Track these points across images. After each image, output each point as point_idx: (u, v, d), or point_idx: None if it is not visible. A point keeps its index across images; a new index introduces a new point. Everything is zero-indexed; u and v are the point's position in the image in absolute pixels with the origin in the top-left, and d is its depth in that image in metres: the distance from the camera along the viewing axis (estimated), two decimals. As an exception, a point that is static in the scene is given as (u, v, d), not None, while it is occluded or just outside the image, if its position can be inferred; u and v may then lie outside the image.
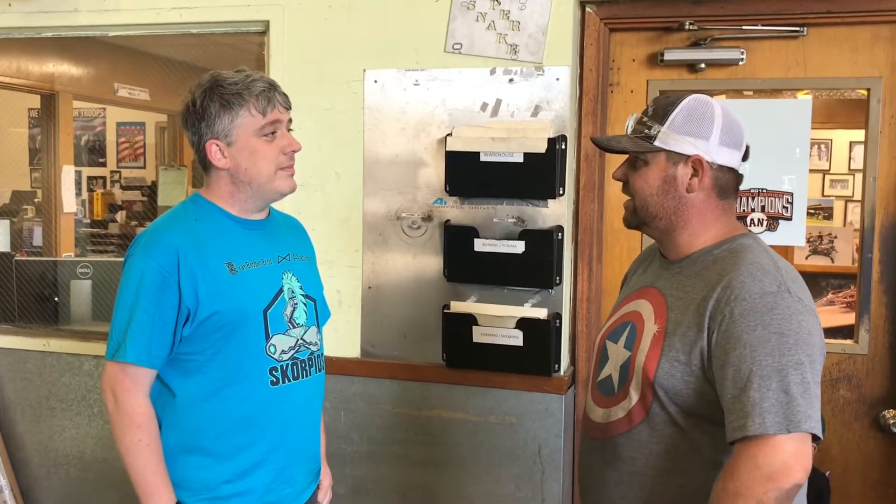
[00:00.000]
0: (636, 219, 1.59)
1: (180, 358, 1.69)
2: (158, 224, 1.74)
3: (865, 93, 2.34)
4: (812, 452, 1.34)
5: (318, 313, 1.88)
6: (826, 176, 6.86)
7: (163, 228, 1.72)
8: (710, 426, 1.45)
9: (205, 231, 1.72)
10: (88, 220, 7.45)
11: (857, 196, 7.08)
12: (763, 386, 1.33)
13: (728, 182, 1.54)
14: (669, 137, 1.50)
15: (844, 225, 6.70)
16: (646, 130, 1.53)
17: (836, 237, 6.13)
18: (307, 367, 1.81)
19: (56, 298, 3.36)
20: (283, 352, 1.75)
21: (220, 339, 1.69)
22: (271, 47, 2.55)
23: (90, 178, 7.84)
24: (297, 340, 1.78)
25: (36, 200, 7.41)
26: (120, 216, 7.57)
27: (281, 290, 1.76)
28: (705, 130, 1.50)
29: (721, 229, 1.55)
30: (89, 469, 2.82)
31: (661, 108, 1.53)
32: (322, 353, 1.88)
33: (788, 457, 1.30)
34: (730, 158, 1.52)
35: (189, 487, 1.70)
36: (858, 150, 6.98)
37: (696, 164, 1.50)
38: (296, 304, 1.79)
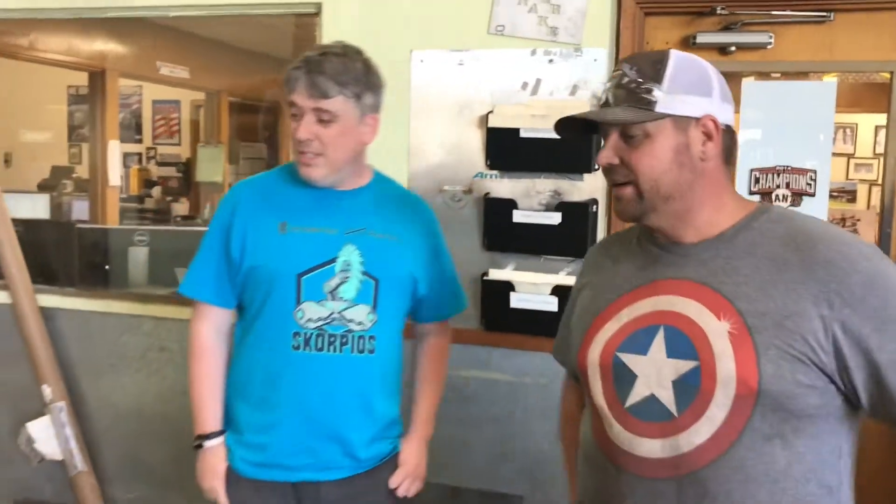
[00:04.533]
0: (641, 207, 1.28)
1: (241, 305, 1.84)
2: (249, 177, 1.91)
3: (888, 76, 2.45)
4: None
5: (380, 294, 1.78)
6: (851, 160, 6.93)
7: (243, 181, 1.89)
8: (818, 428, 1.21)
9: (276, 189, 1.80)
10: (125, 195, 7.69)
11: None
12: None
13: (732, 144, 1.31)
14: (674, 99, 1.23)
15: (868, 208, 6.78)
16: (643, 95, 1.24)
17: (859, 220, 6.22)
18: (336, 343, 1.75)
19: (107, 267, 3.57)
20: (311, 320, 1.74)
21: (261, 293, 1.76)
22: (323, 28, 2.70)
23: (126, 155, 8.07)
24: (332, 313, 1.74)
25: (74, 175, 7.65)
26: (155, 191, 7.79)
27: (333, 261, 1.74)
28: (706, 86, 1.26)
29: (735, 200, 1.33)
30: (148, 423, 3.01)
31: (648, 67, 1.25)
32: (371, 336, 1.77)
33: None
34: (730, 116, 1.30)
35: (232, 425, 1.85)
36: (884, 135, 7.04)
37: (709, 125, 1.25)
38: (348, 277, 1.75)
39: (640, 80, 1.24)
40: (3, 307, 3.05)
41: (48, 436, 2.98)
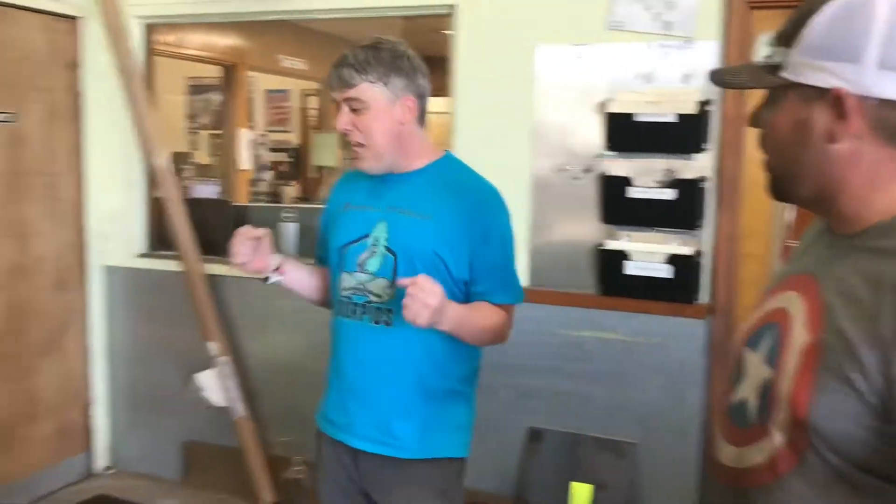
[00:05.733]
0: (777, 185, 1.10)
1: None
2: None
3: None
4: None
5: (398, 269, 1.81)
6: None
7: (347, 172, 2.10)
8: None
9: (355, 177, 1.95)
10: (240, 179, 8.19)
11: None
12: None
13: None
14: (802, 65, 1.01)
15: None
16: (770, 56, 1.06)
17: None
18: (358, 313, 1.86)
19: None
20: (345, 289, 1.88)
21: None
22: (457, 28, 3.04)
23: (241, 141, 8.58)
24: (358, 284, 1.85)
25: (191, 161, 8.24)
26: (268, 176, 8.32)
27: (366, 236, 1.85)
28: (853, 48, 0.97)
29: None
30: (299, 375, 3.43)
31: (797, 21, 1.02)
32: (388, 309, 1.82)
33: None
34: None
35: None
36: None
37: (840, 100, 0.99)
38: (375, 252, 1.84)
39: (778, 36, 1.05)
40: (176, 274, 3.53)
41: (214, 386, 3.44)
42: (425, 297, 1.61)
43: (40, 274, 3.52)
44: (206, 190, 6.18)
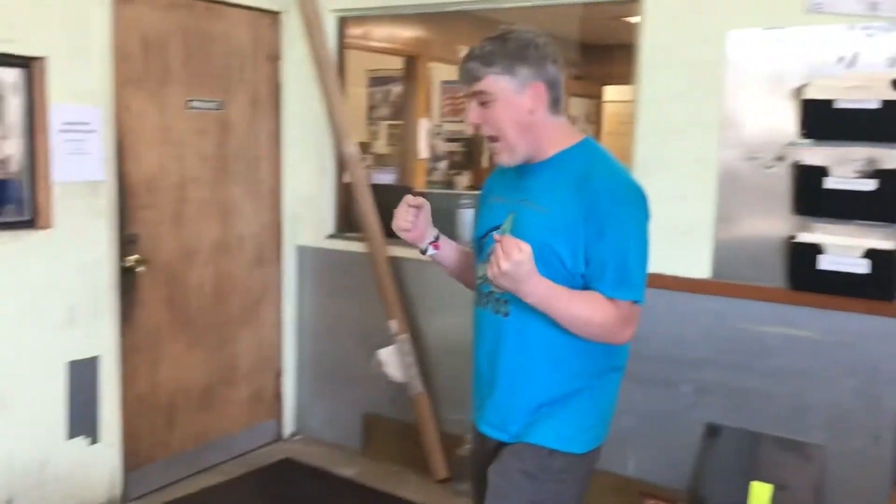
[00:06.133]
0: None
1: None
2: None
3: None
4: None
5: None
6: None
7: None
8: None
9: (505, 169, 1.92)
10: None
11: None
12: None
13: None
14: None
15: None
16: None
17: None
18: (485, 302, 1.90)
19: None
20: (479, 278, 1.93)
21: None
22: (646, 14, 3.00)
23: (414, 131, 8.83)
24: (485, 274, 1.84)
25: (370, 150, 8.59)
26: (442, 165, 8.53)
27: (497, 227, 1.85)
28: None
29: None
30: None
31: None
32: (505, 300, 1.83)
33: None
34: None
35: None
36: None
37: None
38: None
39: None
40: (362, 255, 3.72)
41: (394, 362, 3.61)
42: (500, 259, 1.62)
43: (241, 250, 3.82)
44: (384, 178, 6.45)
